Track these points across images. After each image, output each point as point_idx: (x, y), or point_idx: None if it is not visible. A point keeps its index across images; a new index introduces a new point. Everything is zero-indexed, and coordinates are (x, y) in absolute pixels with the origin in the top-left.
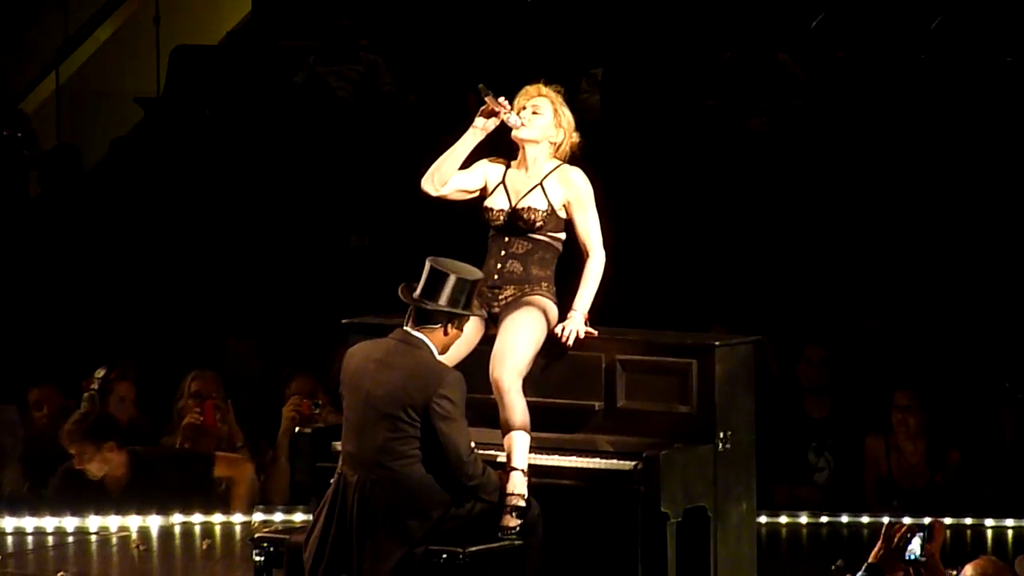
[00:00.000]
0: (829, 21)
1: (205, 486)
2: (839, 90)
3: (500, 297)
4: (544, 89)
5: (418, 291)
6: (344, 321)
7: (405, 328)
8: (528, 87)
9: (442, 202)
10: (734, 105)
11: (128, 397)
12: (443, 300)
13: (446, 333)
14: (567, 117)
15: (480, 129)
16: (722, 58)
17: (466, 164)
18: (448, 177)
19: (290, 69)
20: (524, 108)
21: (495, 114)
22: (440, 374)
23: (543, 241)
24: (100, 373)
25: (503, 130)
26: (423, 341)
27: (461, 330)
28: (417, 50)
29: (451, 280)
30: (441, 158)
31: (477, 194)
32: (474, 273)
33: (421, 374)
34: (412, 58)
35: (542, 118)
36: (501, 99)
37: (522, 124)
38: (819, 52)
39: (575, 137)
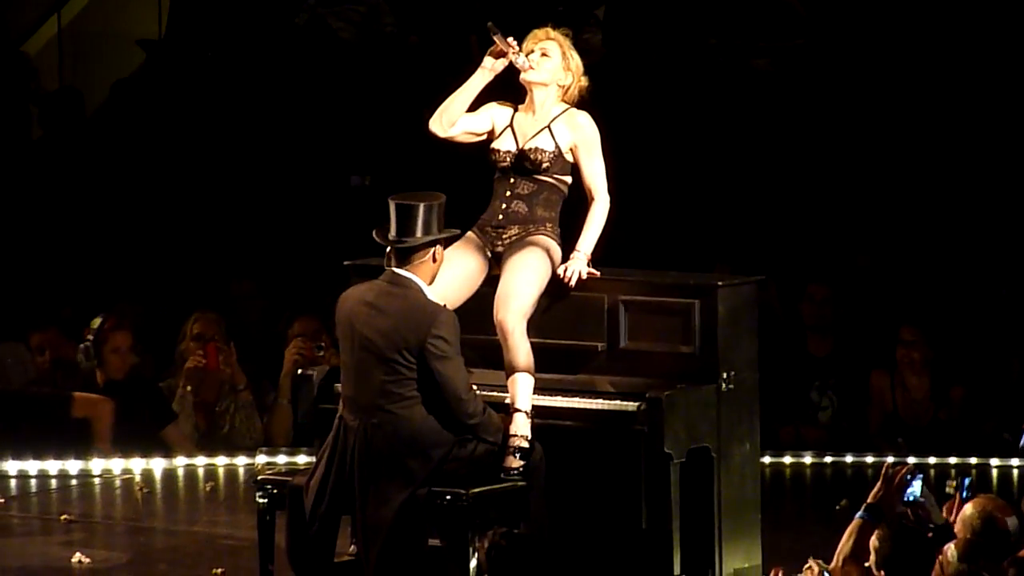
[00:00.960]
0: None
1: (62, 428)
2: (841, 29)
3: (504, 236)
4: (553, 32)
5: (392, 231)
6: (346, 263)
7: (392, 269)
8: (536, 31)
9: (449, 143)
10: (737, 44)
11: (123, 346)
12: (419, 231)
13: (434, 260)
14: (576, 60)
15: (488, 70)
16: None
17: (475, 107)
18: (456, 118)
19: (291, 10)
20: (532, 51)
21: (504, 55)
22: (432, 314)
23: (548, 182)
24: (96, 323)
25: (511, 74)
26: (411, 280)
27: (443, 251)
28: None
29: (420, 209)
30: (449, 99)
31: (484, 137)
32: (438, 196)
33: (413, 316)
34: None
35: (551, 61)
36: (510, 39)
37: (530, 66)
38: None
39: (583, 81)
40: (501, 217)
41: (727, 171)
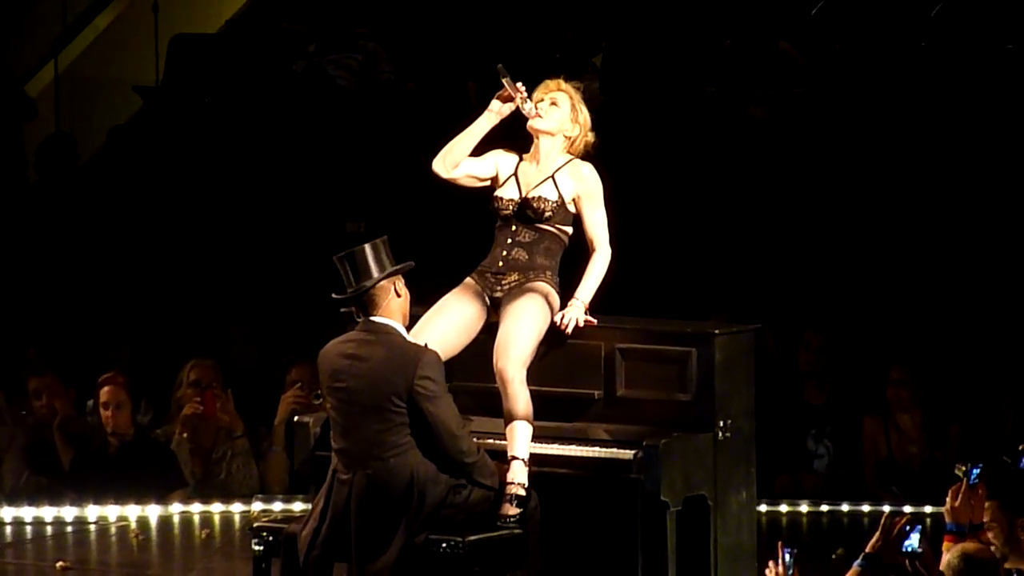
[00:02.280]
0: (829, 8)
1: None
2: (839, 78)
3: (504, 283)
4: (564, 84)
5: (352, 282)
6: (343, 309)
7: (366, 318)
8: (548, 80)
9: (450, 185)
10: (734, 92)
11: (118, 399)
12: (375, 272)
13: (399, 295)
14: (584, 114)
15: (495, 113)
16: (723, 45)
17: (480, 152)
18: (460, 159)
19: (289, 58)
20: (542, 100)
21: (511, 99)
22: (416, 356)
23: (550, 232)
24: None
25: (519, 121)
26: (387, 324)
27: (404, 286)
28: (416, 38)
29: (366, 251)
30: (454, 140)
31: (487, 183)
32: (380, 239)
33: (397, 360)
34: (411, 46)
35: (559, 111)
36: (519, 84)
37: (537, 114)
38: (819, 39)
39: (590, 136)
40: (501, 264)
41: (724, 219)
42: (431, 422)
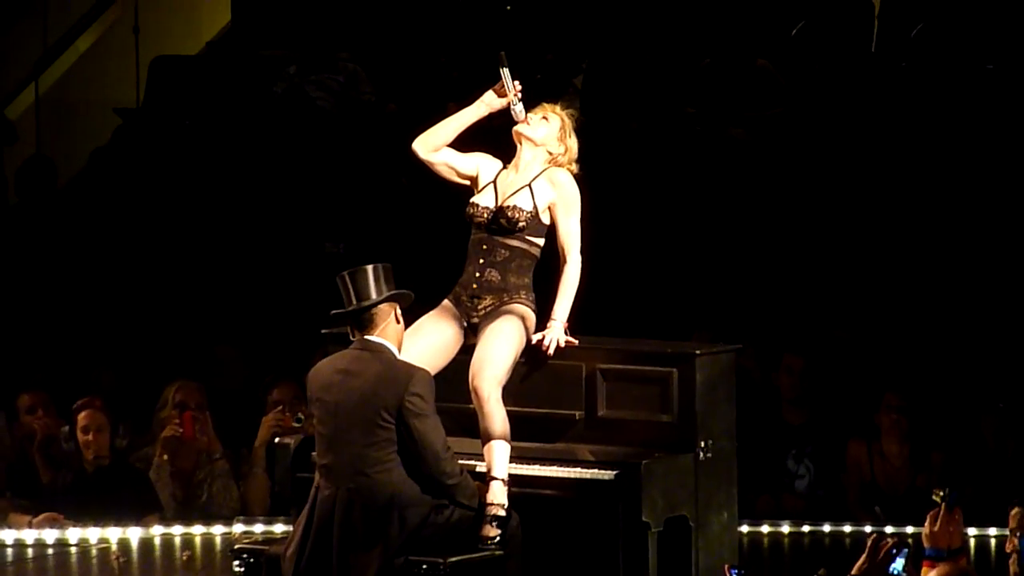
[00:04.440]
0: (809, 28)
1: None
2: (819, 98)
3: (479, 307)
4: (560, 110)
5: (353, 301)
6: (324, 331)
7: (362, 337)
8: (546, 103)
9: (427, 169)
10: (714, 113)
11: (96, 424)
12: (374, 293)
13: (397, 321)
14: (573, 141)
15: (486, 104)
16: (702, 64)
17: (467, 150)
18: (440, 144)
19: (270, 79)
20: (536, 114)
21: (504, 96)
22: (408, 373)
23: (520, 248)
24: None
25: (508, 134)
26: (382, 344)
27: (401, 316)
28: (396, 60)
29: (369, 272)
30: (439, 124)
31: (466, 182)
32: (382, 264)
33: (389, 376)
34: (391, 68)
35: (549, 125)
36: (516, 83)
37: (526, 120)
38: (799, 59)
39: (574, 167)
40: (475, 286)
41: (704, 239)
42: (417, 439)
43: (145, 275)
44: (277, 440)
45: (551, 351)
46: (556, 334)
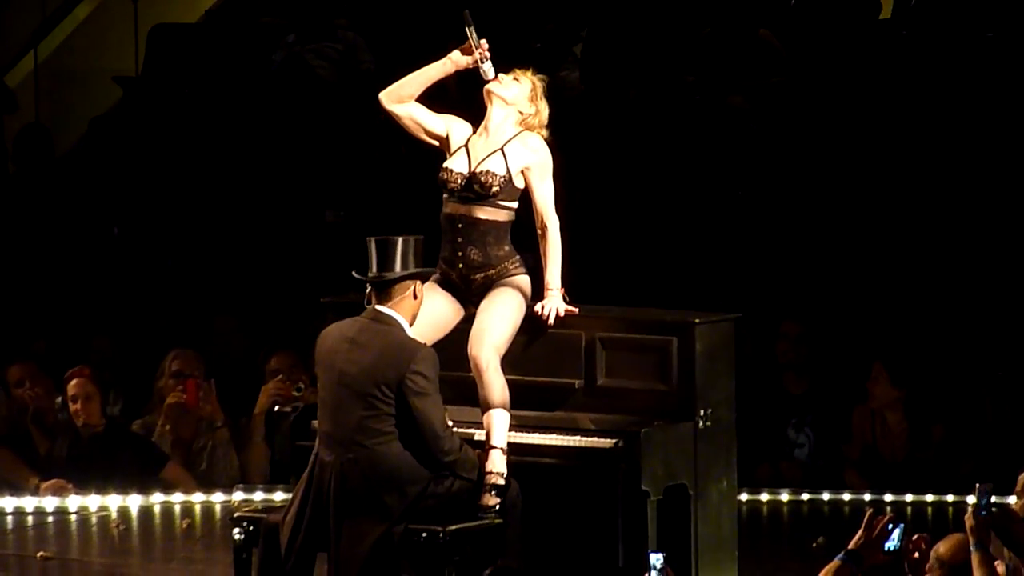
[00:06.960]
0: None
1: None
2: (819, 67)
3: (473, 287)
4: (531, 75)
5: (373, 267)
6: (323, 299)
7: (375, 306)
8: (516, 69)
9: (392, 121)
10: (714, 82)
11: (86, 392)
12: (398, 266)
13: (415, 297)
14: (544, 105)
15: (452, 61)
16: (702, 33)
17: (440, 111)
18: (404, 96)
19: (269, 48)
20: (507, 77)
21: (471, 53)
22: (412, 351)
23: (492, 220)
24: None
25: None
26: (393, 317)
27: (423, 291)
28: (395, 29)
29: (399, 244)
30: (405, 78)
31: (434, 142)
32: (415, 236)
33: (393, 351)
34: (391, 36)
35: (519, 86)
36: (482, 41)
37: (496, 78)
38: (800, 28)
39: (545, 132)
40: (461, 266)
41: (703, 208)
42: (416, 417)
43: (144, 244)
44: (276, 409)
45: (551, 321)
46: (555, 303)
